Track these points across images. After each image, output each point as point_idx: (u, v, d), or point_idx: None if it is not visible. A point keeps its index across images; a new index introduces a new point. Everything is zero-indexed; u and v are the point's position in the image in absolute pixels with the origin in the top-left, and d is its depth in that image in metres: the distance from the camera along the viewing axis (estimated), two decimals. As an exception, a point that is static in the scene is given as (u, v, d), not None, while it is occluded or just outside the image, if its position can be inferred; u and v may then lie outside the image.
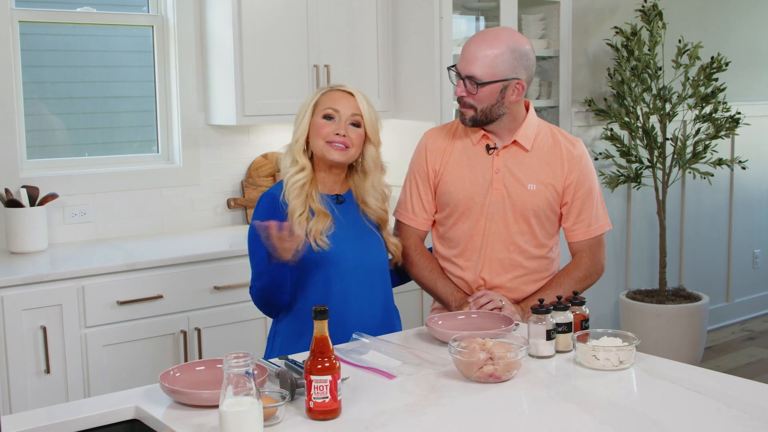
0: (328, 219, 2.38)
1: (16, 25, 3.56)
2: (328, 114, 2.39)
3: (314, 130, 2.40)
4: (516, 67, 2.45)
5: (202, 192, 4.00)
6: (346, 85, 2.47)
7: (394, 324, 2.53)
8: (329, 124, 2.38)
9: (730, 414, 1.75)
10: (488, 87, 2.44)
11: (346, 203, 2.47)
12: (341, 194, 2.47)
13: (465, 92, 2.47)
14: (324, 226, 2.36)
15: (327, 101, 2.41)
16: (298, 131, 2.43)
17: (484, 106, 2.46)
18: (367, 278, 2.43)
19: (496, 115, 2.48)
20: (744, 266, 5.98)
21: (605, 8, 4.98)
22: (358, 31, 4.05)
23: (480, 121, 2.49)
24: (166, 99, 3.94)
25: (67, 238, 3.67)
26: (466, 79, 2.45)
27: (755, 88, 5.86)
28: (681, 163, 4.78)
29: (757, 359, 5.13)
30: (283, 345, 2.39)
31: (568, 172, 2.54)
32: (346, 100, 2.41)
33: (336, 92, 2.43)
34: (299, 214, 2.34)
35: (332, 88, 2.45)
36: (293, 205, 2.35)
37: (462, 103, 2.50)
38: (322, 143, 2.38)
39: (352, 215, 2.46)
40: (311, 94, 2.47)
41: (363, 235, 2.45)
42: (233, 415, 1.60)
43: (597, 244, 2.61)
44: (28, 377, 3.03)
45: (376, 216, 2.51)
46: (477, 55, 2.44)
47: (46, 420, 1.78)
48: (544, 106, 4.50)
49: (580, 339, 2.10)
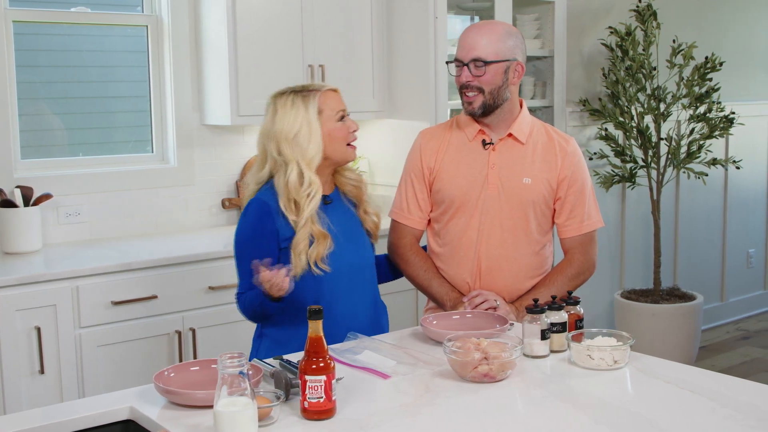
0: (327, 240, 2.30)
1: (10, 24, 3.55)
2: (343, 115, 2.36)
3: (333, 137, 2.33)
4: (514, 49, 2.52)
5: (197, 192, 4.00)
6: (316, 82, 2.43)
7: (382, 320, 2.51)
8: (344, 125, 2.35)
9: (725, 413, 1.75)
10: (493, 66, 2.48)
11: (334, 202, 2.43)
12: (328, 194, 2.41)
13: (471, 76, 2.49)
14: (324, 249, 2.29)
15: (332, 103, 2.34)
16: (311, 148, 2.28)
17: (492, 88, 2.49)
18: (357, 277, 2.41)
19: (501, 99, 2.52)
20: (738, 266, 5.99)
21: (600, 8, 4.98)
22: (353, 30, 4.05)
23: (489, 105, 2.51)
24: (160, 99, 3.94)
25: (62, 238, 3.66)
26: (471, 63, 2.48)
27: (749, 88, 5.87)
28: (675, 162, 4.79)
29: (752, 359, 5.14)
30: (269, 349, 2.34)
31: (561, 167, 2.56)
32: (339, 96, 2.39)
33: (328, 92, 2.36)
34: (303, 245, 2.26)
35: (320, 89, 2.35)
36: (301, 235, 2.26)
37: (469, 88, 2.51)
38: (344, 147, 2.35)
39: (339, 214, 2.41)
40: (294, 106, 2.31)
41: (351, 235, 2.42)
42: (228, 416, 1.60)
43: (589, 240, 2.62)
44: (22, 378, 3.03)
45: (352, 191, 2.46)
46: (478, 39, 2.49)
47: (40, 420, 1.78)
48: (538, 106, 4.51)
49: (574, 339, 2.10)
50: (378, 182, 4.35)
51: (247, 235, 2.33)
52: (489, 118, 2.55)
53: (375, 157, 4.36)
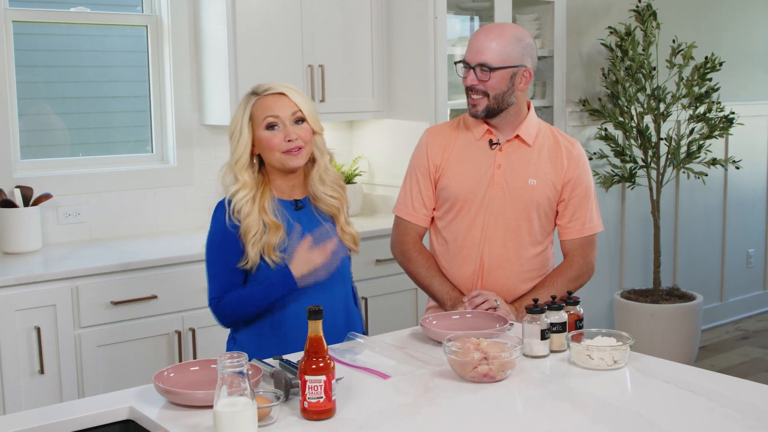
0: (279, 231, 2.28)
1: (9, 24, 3.55)
2: (270, 123, 2.28)
3: (263, 145, 2.29)
4: (523, 55, 2.51)
5: (196, 192, 3.99)
6: (272, 84, 2.33)
7: (355, 328, 2.44)
8: (276, 134, 2.28)
9: (724, 413, 1.75)
10: (499, 72, 2.48)
11: (306, 207, 2.39)
12: (300, 199, 2.38)
13: (476, 80, 2.49)
14: (276, 240, 2.27)
15: (262, 110, 2.29)
16: (238, 149, 2.30)
17: (496, 93, 2.50)
18: (329, 284, 2.35)
19: (506, 103, 2.52)
20: (738, 266, 5.99)
21: (599, 8, 4.98)
22: (352, 30, 4.05)
23: (492, 109, 2.52)
24: (160, 99, 3.94)
25: (61, 238, 3.66)
26: (477, 67, 2.49)
27: (749, 88, 5.87)
28: (675, 162, 4.79)
29: (751, 358, 5.14)
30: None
31: (567, 169, 2.57)
32: (281, 102, 2.29)
33: (268, 97, 2.30)
34: (254, 234, 2.26)
35: (260, 95, 2.31)
36: (246, 224, 2.26)
37: (474, 91, 2.51)
38: (278, 155, 2.29)
39: (312, 220, 2.37)
40: (240, 106, 2.34)
41: (317, 241, 2.34)
42: (227, 416, 1.60)
43: (589, 243, 2.62)
44: (21, 378, 3.03)
45: (327, 209, 2.40)
46: (486, 44, 2.49)
47: (40, 421, 1.78)
48: (538, 106, 4.50)
49: (574, 339, 2.10)
50: (377, 182, 4.35)
51: (213, 239, 2.34)
52: (495, 120, 2.56)
53: (374, 157, 4.36)
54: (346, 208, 2.45)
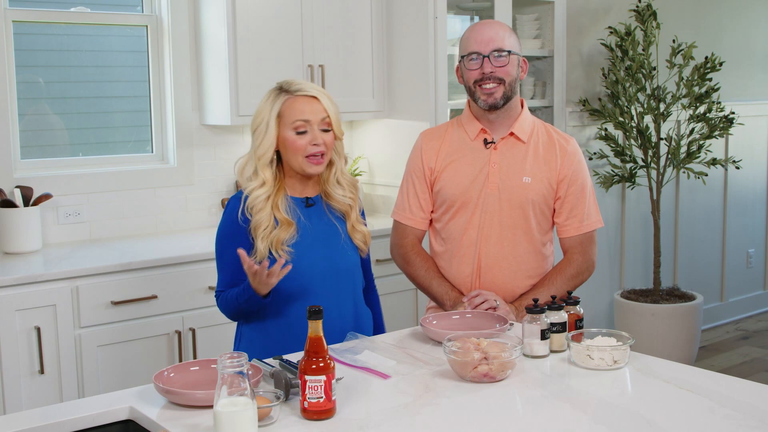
0: (291, 228, 2.29)
1: (9, 24, 3.55)
2: (299, 128, 2.27)
3: (288, 146, 2.28)
4: (519, 46, 2.58)
5: (197, 192, 4.00)
6: (304, 85, 2.31)
7: (364, 328, 2.44)
8: (303, 137, 2.27)
9: (724, 413, 1.75)
10: (514, 57, 2.54)
11: (317, 206, 2.39)
12: (311, 197, 2.38)
13: (493, 67, 2.51)
14: (287, 235, 2.28)
15: (293, 111, 2.27)
16: (263, 145, 2.28)
17: (511, 79, 2.53)
18: (336, 283, 2.35)
19: (515, 92, 2.56)
20: (738, 266, 5.99)
21: (599, 8, 4.98)
22: (352, 30, 4.05)
23: (508, 98, 2.54)
24: (160, 99, 3.94)
25: (61, 238, 3.66)
26: (491, 54, 2.50)
27: (749, 88, 5.87)
28: (675, 162, 4.79)
29: (751, 358, 5.14)
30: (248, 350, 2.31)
31: (561, 166, 2.57)
32: (312, 106, 2.28)
33: (299, 99, 2.28)
34: (264, 228, 2.26)
35: (292, 94, 2.29)
36: (257, 219, 2.27)
37: (490, 80, 2.51)
38: (301, 159, 2.28)
39: (321, 218, 2.38)
40: (268, 100, 2.31)
41: (331, 238, 2.36)
42: (227, 416, 1.60)
43: (588, 240, 2.62)
44: (22, 378, 3.03)
45: (340, 206, 2.40)
46: (497, 30, 2.54)
47: (40, 420, 1.78)
48: (538, 106, 4.51)
49: (574, 338, 2.10)
50: (377, 182, 4.35)
51: (224, 231, 2.34)
52: (495, 114, 2.56)
53: (374, 157, 4.36)
54: (357, 206, 2.45)
